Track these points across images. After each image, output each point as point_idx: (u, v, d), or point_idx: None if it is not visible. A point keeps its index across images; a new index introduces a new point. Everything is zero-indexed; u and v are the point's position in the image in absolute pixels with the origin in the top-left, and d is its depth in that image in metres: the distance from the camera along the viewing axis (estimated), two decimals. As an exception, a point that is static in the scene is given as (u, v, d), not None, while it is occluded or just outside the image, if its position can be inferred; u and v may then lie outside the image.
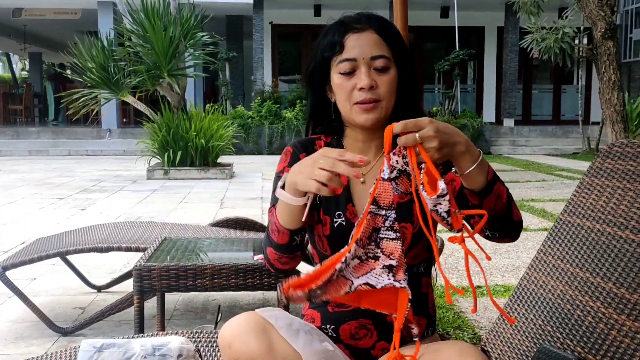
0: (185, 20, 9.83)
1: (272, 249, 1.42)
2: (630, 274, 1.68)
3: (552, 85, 18.64)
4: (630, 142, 1.94)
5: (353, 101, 1.43)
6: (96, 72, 9.71)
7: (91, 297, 3.69)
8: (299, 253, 1.43)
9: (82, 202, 7.40)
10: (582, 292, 1.76)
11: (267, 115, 14.78)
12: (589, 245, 1.84)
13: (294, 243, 1.38)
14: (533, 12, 9.84)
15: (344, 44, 1.42)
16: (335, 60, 1.44)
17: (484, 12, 17.38)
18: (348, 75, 1.43)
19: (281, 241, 1.37)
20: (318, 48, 1.48)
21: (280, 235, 1.36)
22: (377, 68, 1.42)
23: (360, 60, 1.41)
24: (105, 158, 13.68)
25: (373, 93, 1.41)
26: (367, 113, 1.43)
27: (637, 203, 1.81)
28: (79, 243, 3.26)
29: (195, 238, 2.78)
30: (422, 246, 1.48)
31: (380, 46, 1.43)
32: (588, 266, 1.80)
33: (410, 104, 1.50)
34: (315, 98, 1.54)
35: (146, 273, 2.24)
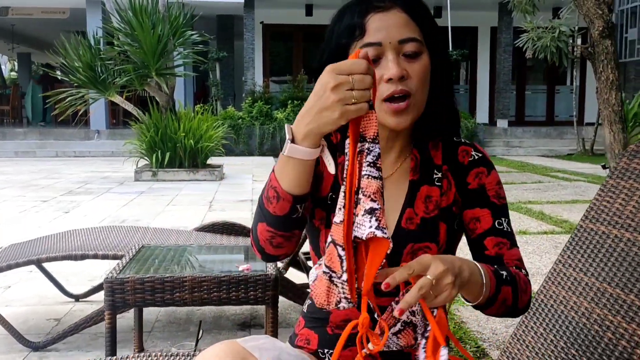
0: (174, 18, 9.60)
1: (264, 225, 1.14)
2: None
3: (546, 86, 18.51)
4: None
5: (381, 96, 1.15)
6: (83, 71, 9.46)
7: (68, 307, 3.46)
8: (297, 233, 1.16)
9: (66, 204, 7.15)
10: (612, 311, 1.54)
11: (258, 116, 14.56)
12: (618, 257, 1.62)
13: (295, 215, 1.10)
14: (528, 10, 9.67)
15: (365, 26, 1.14)
16: (354, 47, 1.16)
17: (477, 12, 17.21)
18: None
19: (280, 211, 1.10)
20: (332, 34, 1.21)
21: (280, 202, 1.09)
22: (407, 54, 1.16)
23: (387, 45, 1.14)
24: (93, 159, 13.40)
25: (404, 84, 1.15)
26: (400, 115, 1.16)
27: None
28: (53, 250, 3.03)
29: (175, 245, 2.56)
30: None
31: (410, 27, 1.16)
32: (618, 281, 1.59)
33: (443, 100, 1.26)
34: None
35: (118, 286, 2.01)
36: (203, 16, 14.16)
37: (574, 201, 7.24)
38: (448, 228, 1.26)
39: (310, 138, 1.00)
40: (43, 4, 15.98)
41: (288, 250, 1.19)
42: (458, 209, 1.29)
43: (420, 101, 1.19)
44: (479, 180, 1.28)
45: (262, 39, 17.32)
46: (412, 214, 1.25)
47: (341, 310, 1.28)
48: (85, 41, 9.61)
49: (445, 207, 1.27)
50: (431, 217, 1.25)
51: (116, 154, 13.54)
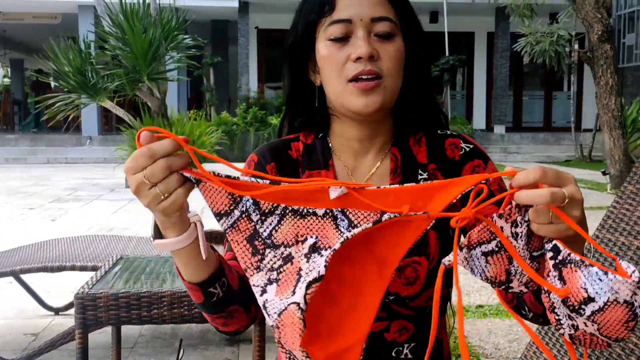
0: (166, 22, 9.44)
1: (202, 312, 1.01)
2: None
3: (543, 92, 18.41)
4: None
5: (347, 76, 1.02)
6: (73, 76, 9.27)
7: (47, 321, 3.29)
8: (233, 309, 0.99)
9: (53, 212, 6.97)
10: (637, 331, 1.38)
11: (252, 121, 14.40)
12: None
13: (214, 298, 0.95)
14: (526, 15, 9.57)
15: (335, 2, 1.03)
16: (322, 23, 1.04)
17: (473, 17, 17.11)
18: (340, 43, 1.03)
19: (197, 300, 0.96)
20: (301, 12, 1.09)
21: (192, 292, 0.95)
22: (379, 34, 1.03)
23: (357, 22, 1.02)
24: (85, 166, 13.20)
25: (373, 65, 1.01)
26: (367, 95, 1.02)
27: None
28: (30, 261, 2.87)
29: (157, 257, 2.38)
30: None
31: (384, 6, 1.04)
32: None
33: (419, 91, 1.11)
34: (294, 79, 1.14)
35: (90, 302, 1.84)
36: (197, 21, 14.02)
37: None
38: (440, 237, 1.08)
39: (168, 229, 0.85)
40: (34, 9, 15.81)
41: (242, 323, 1.03)
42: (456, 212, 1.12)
43: (392, 86, 1.04)
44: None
45: (256, 45, 17.17)
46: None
47: None
48: (76, 45, 9.44)
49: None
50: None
51: (108, 160, 13.34)
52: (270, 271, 0.78)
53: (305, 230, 0.79)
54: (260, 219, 0.79)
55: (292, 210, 0.79)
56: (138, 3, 9.43)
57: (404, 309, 1.09)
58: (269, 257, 0.79)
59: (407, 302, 1.08)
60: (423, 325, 1.11)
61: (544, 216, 0.75)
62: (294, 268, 0.78)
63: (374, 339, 1.10)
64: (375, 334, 1.09)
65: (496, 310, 3.40)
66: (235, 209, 0.78)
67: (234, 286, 0.99)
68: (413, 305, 1.09)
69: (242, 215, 0.78)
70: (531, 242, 0.77)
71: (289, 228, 0.79)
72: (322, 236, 0.79)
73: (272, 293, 0.77)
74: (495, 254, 0.78)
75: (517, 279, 0.78)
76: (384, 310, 1.08)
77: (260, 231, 0.79)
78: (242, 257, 0.79)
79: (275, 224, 0.79)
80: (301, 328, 0.74)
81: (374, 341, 1.09)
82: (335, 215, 0.79)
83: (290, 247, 0.79)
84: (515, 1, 9.63)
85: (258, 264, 0.79)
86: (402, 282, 1.06)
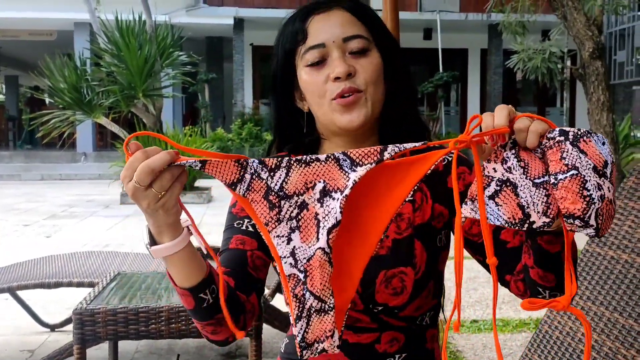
0: (161, 39, 9.51)
1: (193, 318, 1.03)
2: (693, 325, 1.34)
3: (536, 108, 18.55)
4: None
5: (329, 97, 1.07)
6: (68, 92, 9.32)
7: (43, 338, 3.29)
8: (222, 316, 0.99)
9: (48, 228, 6.97)
10: (625, 344, 1.41)
11: (247, 137, 14.44)
12: (629, 284, 1.50)
13: (205, 304, 0.97)
14: (518, 32, 9.64)
15: (307, 30, 1.08)
16: (299, 52, 1.10)
17: (467, 34, 17.27)
18: (318, 66, 1.08)
19: (188, 306, 0.99)
20: (278, 42, 1.14)
21: (183, 298, 0.98)
22: (354, 51, 1.08)
23: (331, 45, 1.07)
24: (80, 182, 13.20)
25: (352, 82, 1.06)
26: (351, 111, 1.06)
27: (691, 232, 1.47)
28: (27, 277, 2.88)
29: (154, 272, 2.41)
30: (426, 295, 1.13)
31: (354, 25, 1.09)
32: (630, 311, 1.46)
33: (401, 104, 1.14)
34: (280, 108, 1.18)
35: (88, 317, 1.86)
36: (192, 38, 14.11)
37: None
38: (426, 246, 1.11)
39: (163, 233, 0.90)
40: (30, 26, 15.88)
41: (230, 332, 1.03)
42: (443, 222, 1.15)
43: (374, 97, 1.08)
44: (464, 182, 1.15)
45: (251, 61, 17.27)
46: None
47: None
48: (71, 62, 9.49)
49: (421, 224, 1.12)
50: (404, 237, 1.11)
51: (103, 177, 13.34)
52: (289, 220, 0.83)
53: (313, 176, 0.84)
54: (270, 175, 0.84)
55: (297, 160, 0.84)
56: (134, 20, 9.51)
57: (395, 320, 1.12)
58: (285, 208, 0.84)
59: (396, 312, 1.11)
60: (413, 336, 1.15)
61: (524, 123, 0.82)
62: (311, 213, 0.83)
63: (364, 350, 1.12)
64: (365, 346, 1.12)
65: (490, 325, 3.42)
66: (245, 173, 0.83)
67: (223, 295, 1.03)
68: (403, 315, 1.12)
69: (252, 177, 0.83)
70: (528, 170, 0.81)
71: (297, 177, 0.84)
72: (329, 179, 0.84)
73: (298, 240, 0.83)
74: (499, 193, 0.82)
75: (533, 210, 0.80)
76: (374, 322, 1.11)
77: (272, 186, 0.83)
78: (261, 213, 0.84)
79: (284, 177, 0.84)
80: (329, 269, 0.82)
81: (364, 352, 1.12)
82: (337, 157, 0.83)
83: (302, 195, 0.84)
84: (507, 18, 9.72)
85: (277, 216, 0.84)
86: (390, 292, 1.09)
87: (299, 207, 0.84)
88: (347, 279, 0.87)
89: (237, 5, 16.03)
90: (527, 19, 9.90)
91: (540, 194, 0.80)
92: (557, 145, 0.80)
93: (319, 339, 0.83)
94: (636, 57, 14.17)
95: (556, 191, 0.79)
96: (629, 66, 14.34)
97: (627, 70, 14.42)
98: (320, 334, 0.83)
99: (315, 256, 0.82)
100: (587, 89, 8.42)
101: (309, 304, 0.83)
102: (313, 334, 0.83)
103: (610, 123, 8.38)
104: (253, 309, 1.07)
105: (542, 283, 0.99)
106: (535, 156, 0.83)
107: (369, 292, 1.09)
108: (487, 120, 0.85)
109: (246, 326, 1.06)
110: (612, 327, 1.52)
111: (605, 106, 8.33)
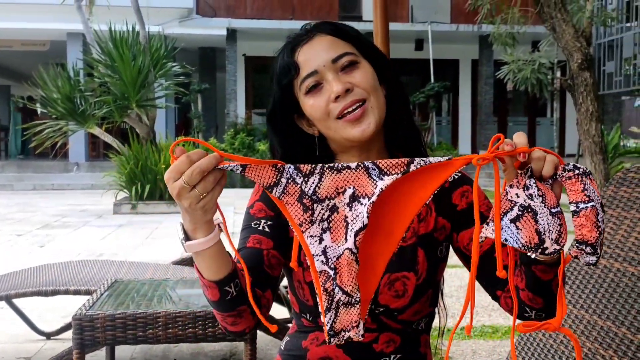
0: (155, 50, 9.58)
1: (214, 309, 1.12)
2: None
3: (527, 118, 18.70)
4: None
5: (334, 115, 1.14)
6: (61, 103, 9.36)
7: (39, 345, 3.33)
8: (242, 309, 1.09)
9: (41, 238, 6.99)
10: (603, 344, 1.48)
11: (240, 147, 14.49)
12: (608, 288, 1.57)
13: (229, 297, 1.05)
14: (508, 43, 9.77)
15: (297, 62, 1.16)
16: (296, 84, 1.17)
17: (458, 45, 17.42)
18: (316, 91, 1.15)
19: (213, 297, 1.06)
20: (272, 80, 1.21)
21: (209, 290, 1.06)
22: (345, 66, 1.15)
23: (322, 69, 1.14)
24: (72, 192, 13.21)
25: (353, 95, 1.13)
26: (360, 123, 1.13)
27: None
28: (23, 285, 2.92)
29: (150, 279, 2.46)
30: (424, 301, 1.21)
31: (338, 45, 1.16)
32: (609, 313, 1.53)
33: (398, 109, 1.22)
34: (282, 140, 1.23)
35: (88, 323, 1.91)
36: (185, 48, 14.17)
37: (557, 232, 7.22)
38: (428, 256, 1.19)
39: (198, 230, 0.97)
40: (23, 36, 15.91)
41: (247, 324, 1.12)
42: (445, 235, 1.23)
43: (378, 103, 1.16)
44: (467, 200, 1.23)
45: (244, 71, 17.35)
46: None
47: (321, 348, 1.21)
48: (65, 73, 9.53)
49: (425, 234, 1.21)
50: (408, 245, 1.19)
51: (96, 187, 13.36)
52: (321, 222, 0.92)
53: (343, 182, 0.92)
54: (304, 180, 0.92)
55: (329, 167, 0.92)
56: (127, 31, 9.57)
57: (393, 322, 1.19)
58: (318, 210, 0.92)
59: (395, 314, 1.18)
60: (409, 339, 1.22)
61: (541, 153, 0.90)
62: (340, 216, 0.92)
63: (363, 348, 1.19)
64: (364, 345, 1.19)
65: (480, 332, 3.48)
66: (282, 177, 0.91)
67: (245, 288, 1.09)
68: (402, 318, 1.19)
69: (288, 181, 0.91)
70: (545, 200, 0.89)
71: (329, 183, 0.92)
72: (358, 185, 0.92)
73: (329, 240, 0.92)
74: (521, 217, 0.90)
75: (548, 237, 0.88)
76: (374, 322, 1.18)
77: (305, 190, 0.92)
78: (296, 215, 0.92)
79: (317, 182, 0.92)
80: (356, 267, 0.92)
81: (362, 351, 1.19)
82: (367, 166, 0.92)
83: (333, 199, 0.92)
84: (497, 30, 9.85)
85: (310, 218, 0.92)
86: (392, 294, 1.16)
87: (330, 210, 0.92)
88: (371, 272, 0.96)
89: (229, 16, 16.13)
90: (517, 30, 10.04)
91: (555, 223, 0.89)
92: (576, 177, 0.89)
93: (345, 328, 0.92)
94: (625, 68, 14.33)
95: (577, 218, 0.88)
96: (618, 77, 14.49)
97: (615, 80, 14.57)
98: (347, 324, 0.92)
99: (343, 255, 0.91)
100: (576, 99, 8.54)
101: (338, 297, 0.92)
102: (340, 323, 0.92)
103: (599, 133, 8.50)
104: (268, 304, 1.15)
105: (530, 304, 1.08)
106: (547, 187, 0.91)
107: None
108: (515, 139, 0.92)
109: (260, 320, 1.14)
110: (591, 329, 1.58)
111: (594, 116, 8.45)
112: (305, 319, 1.24)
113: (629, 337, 1.45)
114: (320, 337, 1.22)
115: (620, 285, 1.54)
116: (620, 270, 1.56)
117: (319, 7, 16.63)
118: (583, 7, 9.30)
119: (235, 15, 16.32)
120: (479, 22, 9.78)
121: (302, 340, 1.24)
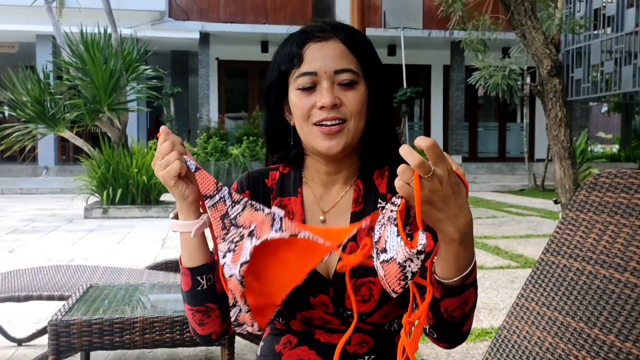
0: (127, 53, 9.49)
1: (185, 305, 1.19)
2: (637, 325, 1.45)
3: (497, 123, 18.95)
4: (620, 171, 1.74)
5: (312, 121, 1.17)
6: (31, 106, 9.22)
7: (10, 352, 3.28)
8: (211, 307, 1.15)
9: (10, 243, 6.87)
10: (577, 345, 1.51)
11: (213, 152, 14.43)
12: (580, 290, 1.60)
13: (199, 287, 1.14)
14: (480, 49, 9.92)
15: (303, 56, 1.17)
16: (293, 74, 1.19)
17: (430, 51, 17.60)
18: (307, 92, 1.17)
19: (186, 286, 1.16)
20: (275, 60, 1.23)
21: (184, 278, 1.16)
22: (342, 83, 1.17)
23: (322, 74, 1.16)
24: (41, 196, 13.00)
25: (337, 112, 1.16)
26: (331, 138, 1.16)
27: (635, 241, 1.58)
28: (-6, 291, 2.87)
29: (126, 285, 2.45)
30: (393, 304, 1.21)
31: (347, 58, 1.18)
32: (581, 314, 1.56)
33: (382, 130, 1.24)
34: (271, 119, 1.27)
35: (63, 329, 1.89)
36: (157, 52, 14.08)
37: (528, 236, 7.33)
38: None
39: (181, 212, 1.12)
40: (-9, 38, 15.68)
41: (215, 328, 1.19)
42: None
43: (355, 128, 1.18)
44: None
45: (217, 75, 17.30)
46: (355, 248, 1.19)
47: (294, 351, 1.22)
48: (34, 75, 9.40)
49: None
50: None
51: (65, 191, 13.18)
52: (230, 243, 1.06)
53: (254, 219, 1.05)
54: (231, 205, 1.07)
55: (251, 203, 1.06)
56: (99, 33, 9.47)
57: (363, 324, 1.21)
58: (232, 233, 1.06)
59: (364, 317, 1.20)
60: (382, 340, 1.24)
61: (407, 174, 0.90)
62: (242, 244, 1.05)
63: (335, 349, 1.21)
64: (336, 346, 1.20)
65: (453, 334, 3.53)
66: (217, 194, 1.07)
67: (218, 289, 1.15)
68: (371, 321, 1.21)
69: (220, 199, 1.07)
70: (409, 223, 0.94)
71: (247, 215, 1.06)
72: (259, 227, 1.04)
73: (229, 259, 1.05)
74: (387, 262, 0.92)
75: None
76: (344, 324, 1.20)
77: (229, 213, 1.06)
78: (215, 228, 1.07)
79: (240, 210, 1.06)
80: (241, 289, 1.04)
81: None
82: (275, 216, 1.03)
83: (245, 229, 1.05)
84: (469, 36, 9.99)
85: (224, 236, 1.06)
86: (358, 299, 1.18)
87: (239, 236, 1.05)
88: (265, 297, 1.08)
89: (202, 20, 16.07)
90: (488, 36, 10.20)
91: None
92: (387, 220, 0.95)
93: (245, 324, 1.08)
94: (592, 75, 14.62)
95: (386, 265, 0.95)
96: (586, 83, 14.78)
97: (583, 87, 14.86)
98: (246, 322, 1.08)
99: (232, 277, 1.04)
100: (546, 105, 8.69)
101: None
102: (242, 320, 1.07)
103: (567, 138, 8.65)
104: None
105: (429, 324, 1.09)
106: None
107: (339, 298, 1.18)
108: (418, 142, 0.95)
109: (229, 330, 1.17)
110: (564, 330, 1.62)
111: (563, 122, 8.60)
112: (277, 321, 1.27)
113: (602, 337, 1.49)
114: (293, 340, 1.24)
115: (592, 287, 1.58)
116: (592, 273, 1.60)
117: (292, 12, 16.65)
118: (552, 14, 9.48)
119: (208, 18, 16.26)
120: (451, 28, 9.91)
121: (275, 344, 1.26)
